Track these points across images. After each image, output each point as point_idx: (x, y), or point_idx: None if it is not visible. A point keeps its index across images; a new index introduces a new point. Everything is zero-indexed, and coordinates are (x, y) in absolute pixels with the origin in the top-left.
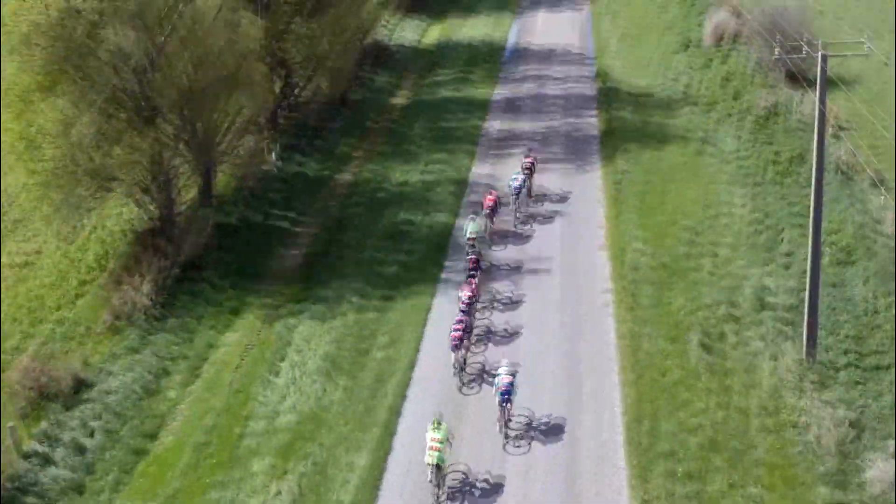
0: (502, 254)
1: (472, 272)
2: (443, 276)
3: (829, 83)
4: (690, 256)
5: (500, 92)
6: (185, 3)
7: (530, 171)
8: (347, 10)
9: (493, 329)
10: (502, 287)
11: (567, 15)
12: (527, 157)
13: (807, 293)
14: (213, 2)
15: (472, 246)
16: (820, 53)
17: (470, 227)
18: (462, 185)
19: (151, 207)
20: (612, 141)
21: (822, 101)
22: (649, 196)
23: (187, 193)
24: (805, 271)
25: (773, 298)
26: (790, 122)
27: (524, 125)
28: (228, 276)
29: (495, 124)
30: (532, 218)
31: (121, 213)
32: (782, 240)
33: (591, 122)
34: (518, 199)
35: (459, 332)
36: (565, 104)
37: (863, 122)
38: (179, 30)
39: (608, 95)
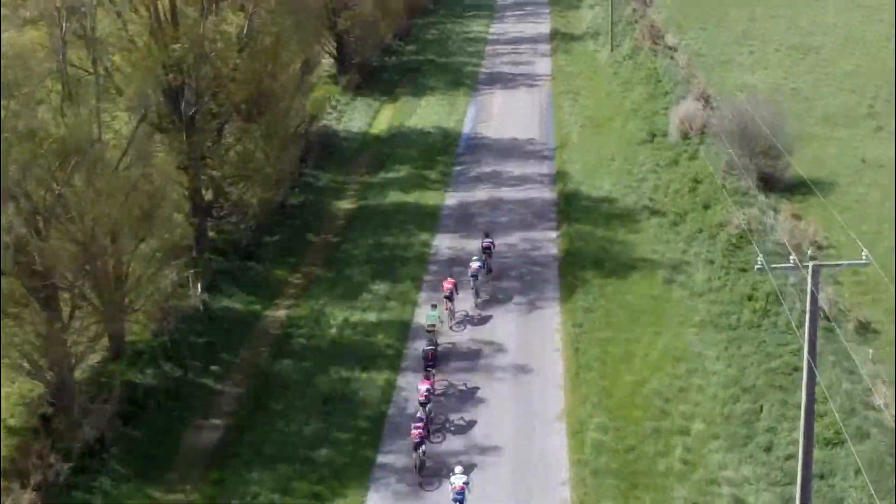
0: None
1: (429, 365)
2: (378, 460)
3: (802, 188)
4: (660, 435)
5: (452, 197)
6: (79, 154)
7: (488, 252)
8: (288, 109)
9: (448, 420)
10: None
11: (526, 94)
12: (485, 238)
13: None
14: (126, 132)
15: (431, 332)
16: (810, 266)
17: (429, 315)
18: (405, 329)
19: (47, 376)
20: (572, 267)
21: (812, 342)
22: (613, 346)
23: (94, 348)
24: (790, 456)
25: (754, 499)
26: (766, 245)
27: (477, 243)
28: (133, 461)
29: (445, 242)
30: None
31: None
32: (761, 408)
33: (551, 237)
34: (477, 281)
35: (420, 430)
36: (522, 215)
37: (844, 239)
38: (77, 181)
39: (569, 203)
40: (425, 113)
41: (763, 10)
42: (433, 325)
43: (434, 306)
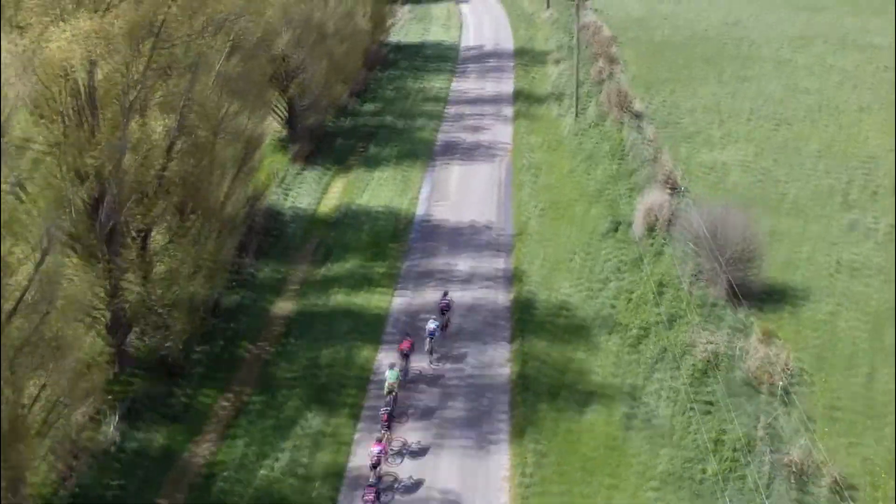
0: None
1: (384, 425)
2: None
3: (774, 295)
4: None
5: (400, 297)
6: None
7: (445, 311)
8: (225, 201)
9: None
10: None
11: (485, 168)
12: (444, 297)
13: None
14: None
15: (391, 392)
16: None
17: (389, 375)
18: (337, 479)
19: None
20: (525, 396)
21: None
22: None
23: None
24: None
25: None
26: (734, 377)
27: (423, 363)
28: None
29: (389, 358)
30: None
31: None
32: None
33: (503, 355)
34: (433, 340)
35: (372, 497)
36: (474, 326)
37: (819, 363)
38: None
39: (524, 311)
40: (378, 189)
41: (732, 70)
42: (393, 381)
43: (392, 366)
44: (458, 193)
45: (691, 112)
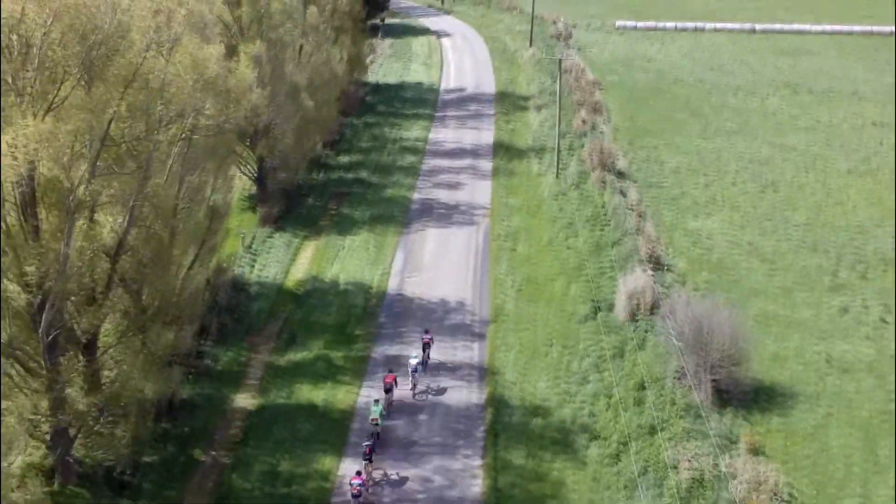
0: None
1: (366, 459)
2: None
3: (762, 397)
4: None
5: (366, 392)
6: None
7: (427, 348)
8: (183, 285)
9: None
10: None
11: (461, 235)
12: (425, 334)
13: None
14: None
15: (376, 425)
16: None
17: (374, 409)
18: None
19: None
20: None
21: None
22: None
23: None
24: None
25: None
26: (720, 499)
27: (389, 470)
28: None
29: (353, 468)
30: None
31: None
32: None
33: (473, 467)
34: (416, 375)
35: None
36: (443, 433)
37: (810, 483)
38: None
39: (497, 415)
40: (349, 258)
41: (717, 123)
42: (376, 420)
43: (377, 401)
44: (433, 265)
45: (675, 171)
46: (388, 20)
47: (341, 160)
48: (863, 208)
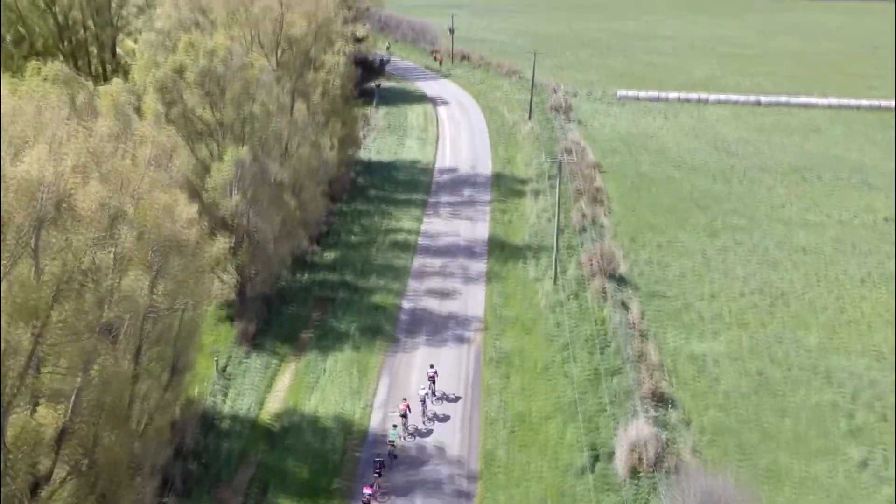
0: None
1: (376, 472)
2: None
3: None
4: None
5: None
6: None
7: (433, 380)
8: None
9: None
10: None
11: (451, 358)
12: (430, 368)
13: None
14: None
15: (393, 445)
16: None
17: (392, 432)
18: None
19: None
20: None
21: None
22: None
23: None
24: None
25: None
26: None
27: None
28: None
29: None
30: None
31: None
32: None
33: None
34: (424, 405)
35: None
36: None
37: None
38: None
39: None
40: (329, 386)
41: (724, 216)
42: (392, 442)
43: (395, 426)
44: (419, 398)
45: (680, 278)
46: (385, 83)
47: (327, 257)
48: (878, 328)
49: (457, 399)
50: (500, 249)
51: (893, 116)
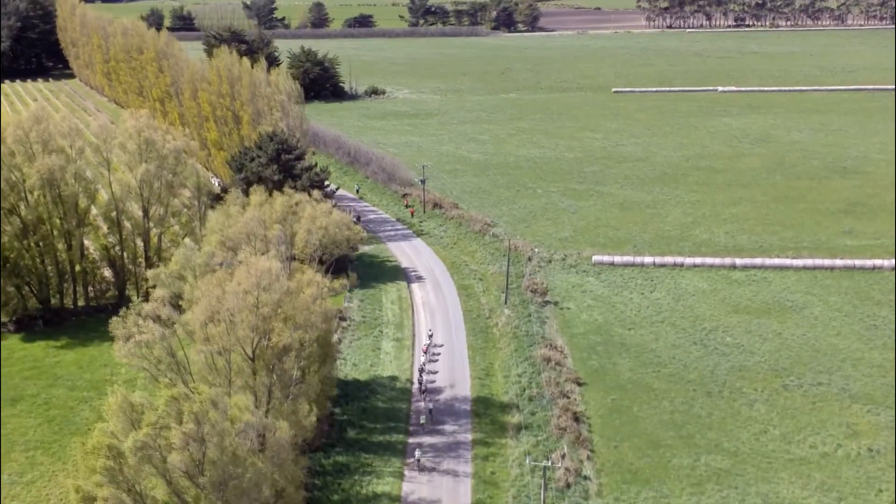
0: None
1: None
2: None
3: None
4: None
5: None
6: None
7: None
8: None
9: None
10: None
11: None
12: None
13: None
14: None
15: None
16: None
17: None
18: None
19: None
20: None
21: None
22: None
23: None
24: None
25: None
26: None
27: None
28: None
29: None
30: None
31: None
32: None
33: None
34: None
35: None
36: None
37: None
38: None
39: None
40: None
41: (708, 451)
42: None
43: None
44: None
45: None
46: (359, 249)
47: None
48: None
49: None
50: None
51: (868, 275)
